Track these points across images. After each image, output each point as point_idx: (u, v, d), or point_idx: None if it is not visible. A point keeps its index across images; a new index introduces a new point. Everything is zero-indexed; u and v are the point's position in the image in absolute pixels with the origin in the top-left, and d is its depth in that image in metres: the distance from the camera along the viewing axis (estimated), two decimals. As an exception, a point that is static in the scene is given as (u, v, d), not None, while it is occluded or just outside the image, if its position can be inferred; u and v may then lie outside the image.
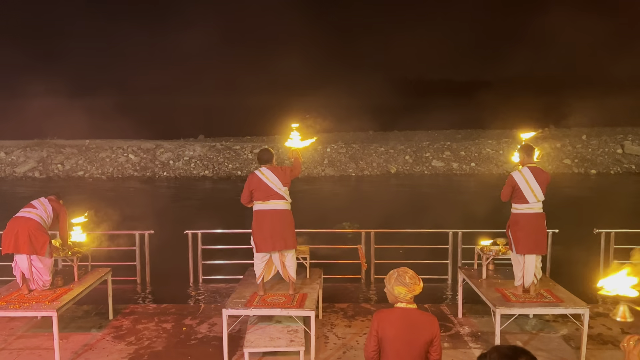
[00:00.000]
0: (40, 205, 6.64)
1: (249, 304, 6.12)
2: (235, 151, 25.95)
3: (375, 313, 3.79)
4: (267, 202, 6.23)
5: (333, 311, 7.62)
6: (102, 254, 9.27)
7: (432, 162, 26.12)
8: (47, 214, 6.62)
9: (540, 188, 6.28)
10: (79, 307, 7.61)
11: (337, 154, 26.27)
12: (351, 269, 9.41)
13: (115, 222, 12.72)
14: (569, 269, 9.00)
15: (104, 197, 19.33)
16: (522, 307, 6.16)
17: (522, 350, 2.34)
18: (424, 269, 9.46)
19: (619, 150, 27.06)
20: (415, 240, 9.98)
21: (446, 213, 14.46)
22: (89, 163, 24.69)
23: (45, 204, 6.69)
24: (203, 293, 9.03)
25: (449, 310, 7.67)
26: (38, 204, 6.66)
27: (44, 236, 6.44)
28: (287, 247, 6.30)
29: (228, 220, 11.71)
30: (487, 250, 7.15)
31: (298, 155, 6.57)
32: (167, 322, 7.27)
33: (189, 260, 9.33)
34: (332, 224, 10.89)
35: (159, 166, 24.73)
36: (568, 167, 25.87)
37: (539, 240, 6.32)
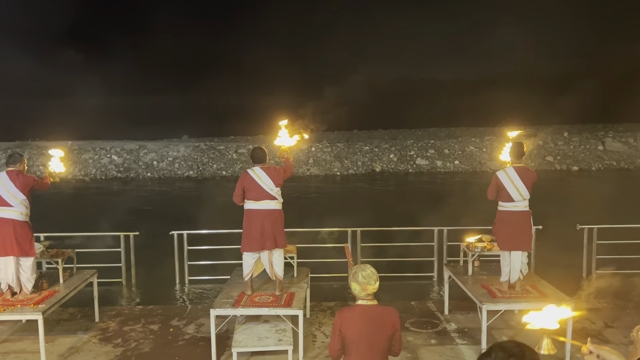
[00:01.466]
0: (11, 198, 6.19)
1: (236, 303, 6.12)
2: (220, 151, 25.84)
3: (337, 312, 3.82)
4: (259, 201, 6.22)
5: (321, 310, 7.64)
6: (87, 255, 9.18)
7: (416, 160, 26.24)
8: (24, 205, 6.28)
9: (526, 187, 6.34)
10: (65, 310, 7.55)
11: (322, 153, 26.28)
12: (338, 267, 9.42)
13: (100, 224, 12.62)
14: (553, 265, 9.09)
15: (89, 199, 19.17)
16: (508, 303, 6.23)
17: (525, 345, 2.36)
18: (410, 266, 9.57)
19: (600, 147, 27.40)
20: (401, 238, 10.03)
21: (431, 210, 14.53)
22: (72, 164, 24.42)
23: (14, 192, 6.21)
24: (190, 294, 9.00)
25: (435, 307, 7.73)
26: (9, 197, 6.19)
27: (29, 234, 6.34)
28: (276, 246, 6.31)
29: (213, 220, 11.66)
30: (473, 247, 7.22)
31: (289, 155, 6.57)
32: (154, 323, 7.24)
33: (174, 261, 9.29)
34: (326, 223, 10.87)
35: (143, 167, 24.54)
36: (550, 164, 26.14)
37: (525, 237, 6.39)
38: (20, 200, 6.24)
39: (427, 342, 6.57)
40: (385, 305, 3.88)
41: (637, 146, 27.37)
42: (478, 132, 30.32)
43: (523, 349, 2.17)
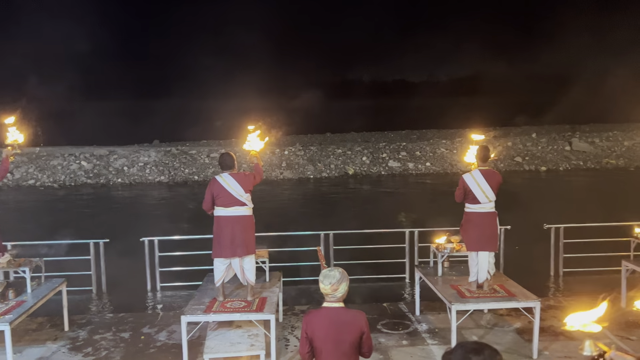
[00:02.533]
0: None
1: (208, 310, 6.11)
2: (192, 156, 25.66)
3: (304, 315, 3.86)
4: (229, 208, 6.20)
5: (293, 314, 7.66)
6: (55, 264, 9.04)
7: (388, 162, 26.43)
8: None
9: (492, 189, 6.48)
10: (33, 320, 7.42)
11: (295, 157, 26.30)
12: (311, 270, 9.45)
13: (69, 231, 12.43)
14: (521, 264, 9.28)
15: (58, 206, 18.85)
16: (477, 303, 6.34)
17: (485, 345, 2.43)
18: (382, 268, 9.65)
19: (567, 147, 27.98)
20: (374, 240, 10.11)
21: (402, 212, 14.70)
22: (40, 171, 23.98)
23: None
24: (161, 301, 8.92)
25: (407, 308, 7.82)
26: None
27: None
28: (248, 252, 6.30)
29: (185, 226, 11.59)
30: (442, 248, 7.33)
31: (258, 160, 6.56)
32: (125, 331, 7.16)
33: (146, 268, 9.20)
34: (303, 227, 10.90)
35: (113, 173, 24.21)
36: (519, 164, 26.59)
37: (491, 237, 6.52)
38: None
39: (398, 343, 6.64)
40: (358, 306, 3.94)
41: (602, 146, 28.04)
42: (449, 134, 30.72)
43: (483, 348, 2.25)
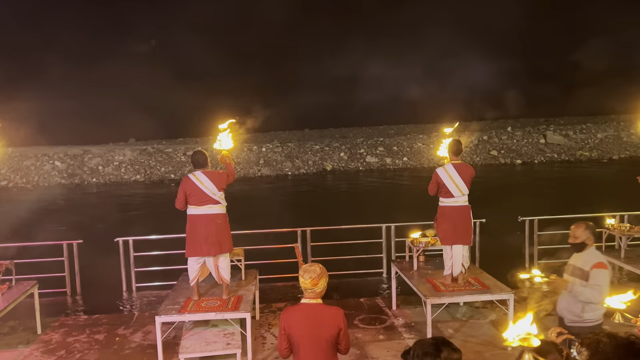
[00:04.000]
0: None
1: (183, 309, 6.05)
2: (168, 154, 25.45)
3: (282, 312, 3.86)
4: (202, 207, 6.15)
5: (270, 311, 7.63)
6: (27, 266, 8.88)
7: (366, 158, 26.52)
8: None
9: (465, 183, 6.53)
10: (4, 324, 7.27)
11: (273, 153, 26.25)
12: (288, 268, 9.43)
13: (42, 232, 12.23)
14: (496, 257, 9.37)
15: (29, 208, 18.53)
16: (451, 296, 6.39)
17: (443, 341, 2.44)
18: (359, 263, 9.67)
19: (542, 140, 28.38)
20: (350, 235, 10.11)
21: (380, 207, 14.74)
22: (13, 172, 23.57)
23: None
24: (136, 301, 8.82)
25: (383, 303, 7.84)
26: None
27: None
28: (222, 251, 6.25)
29: (161, 225, 11.48)
30: (417, 242, 7.37)
31: (230, 160, 6.50)
32: (100, 333, 7.07)
33: (121, 268, 9.09)
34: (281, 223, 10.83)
35: (88, 172, 23.90)
36: (495, 158, 26.89)
37: (464, 231, 6.57)
38: None
39: (375, 338, 6.66)
40: (336, 302, 3.95)
41: (576, 139, 28.49)
42: (426, 128, 30.93)
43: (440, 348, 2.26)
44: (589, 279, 4.44)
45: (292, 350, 3.80)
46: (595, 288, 4.38)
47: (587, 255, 4.57)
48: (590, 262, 4.50)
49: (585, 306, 4.46)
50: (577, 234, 4.61)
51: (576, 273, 4.56)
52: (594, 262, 4.49)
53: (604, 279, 4.44)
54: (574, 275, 4.57)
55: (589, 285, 4.42)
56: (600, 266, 4.47)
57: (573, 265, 4.62)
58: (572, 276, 4.58)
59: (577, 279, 4.51)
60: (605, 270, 4.46)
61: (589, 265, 4.49)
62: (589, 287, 4.41)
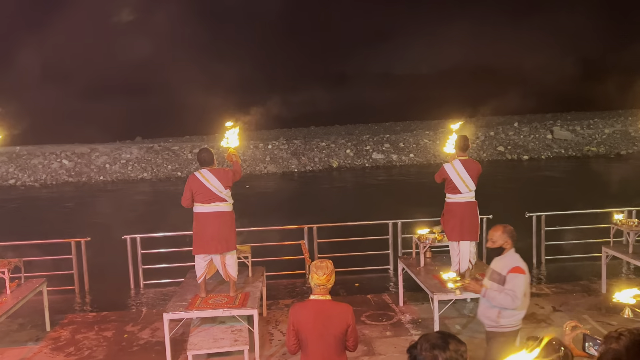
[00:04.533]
0: None
1: (190, 306, 6.07)
2: (175, 152, 25.51)
3: (290, 308, 3.87)
4: (208, 204, 6.16)
5: (278, 308, 7.66)
6: (35, 264, 8.94)
7: (372, 154, 26.50)
8: None
9: (472, 179, 6.51)
10: (14, 321, 7.32)
11: (279, 151, 26.27)
12: (295, 264, 9.45)
13: (50, 231, 12.30)
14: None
15: (37, 206, 18.64)
16: (459, 292, 6.36)
17: (449, 334, 2.43)
18: (366, 260, 9.67)
19: (549, 136, 28.25)
20: (356, 232, 10.12)
21: (386, 204, 14.73)
22: (21, 171, 23.70)
23: None
24: (144, 298, 8.86)
25: (390, 299, 7.84)
26: None
27: None
28: (228, 249, 6.27)
29: (168, 222, 11.51)
30: (424, 238, 7.36)
31: (237, 158, 6.51)
32: (108, 330, 7.11)
33: (128, 266, 9.14)
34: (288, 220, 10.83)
35: (95, 171, 24.00)
36: (502, 154, 26.80)
37: (472, 227, 6.56)
38: None
39: (382, 335, 6.67)
40: (343, 298, 3.97)
41: (583, 134, 28.34)
42: (432, 125, 30.85)
43: (447, 340, 2.26)
44: (505, 284, 4.29)
45: (301, 346, 3.81)
46: (509, 293, 4.24)
47: (505, 259, 4.42)
48: (507, 267, 4.34)
49: (501, 311, 4.34)
50: (494, 237, 4.47)
51: (494, 277, 4.41)
52: (511, 266, 4.32)
53: (520, 285, 4.27)
54: (492, 279, 4.45)
55: (503, 290, 4.28)
56: (517, 271, 4.30)
57: (492, 269, 4.50)
58: (491, 280, 4.45)
59: (494, 284, 4.39)
60: (521, 275, 4.30)
61: (506, 269, 4.34)
62: (502, 293, 4.27)
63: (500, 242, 4.44)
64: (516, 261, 4.38)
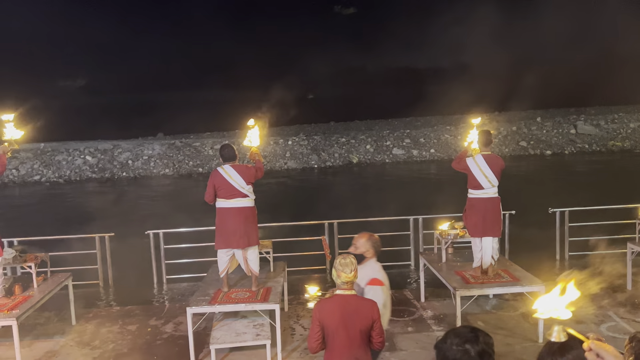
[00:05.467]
0: None
1: (213, 301, 6.13)
2: (196, 148, 25.71)
3: (315, 303, 3.87)
4: (231, 199, 6.21)
5: (299, 303, 7.69)
6: (61, 259, 9.09)
7: (392, 150, 26.40)
8: None
9: (494, 174, 6.45)
10: (40, 314, 7.47)
11: (299, 146, 26.31)
12: (316, 260, 9.47)
13: (76, 226, 12.49)
14: (526, 249, 9.26)
15: (63, 201, 18.94)
16: (481, 288, 6.34)
17: (477, 328, 2.42)
18: (387, 256, 9.61)
19: (572, 131, 27.86)
20: (377, 228, 10.09)
21: (407, 199, 14.67)
22: (45, 167, 24.10)
23: None
24: (167, 293, 8.96)
25: (412, 295, 7.83)
26: None
27: None
28: (250, 244, 6.31)
29: (190, 218, 11.62)
30: (446, 234, 7.33)
31: (259, 157, 6.55)
32: (132, 323, 7.21)
33: (151, 261, 9.25)
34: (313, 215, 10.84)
35: (118, 167, 24.30)
36: (524, 149, 26.51)
37: (494, 223, 6.50)
38: None
39: (404, 330, 6.66)
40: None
41: (607, 129, 27.89)
42: (453, 120, 30.58)
43: (477, 334, 2.24)
44: (364, 296, 4.07)
45: (326, 341, 3.81)
46: None
47: (365, 270, 4.18)
48: (366, 278, 4.12)
49: None
50: (358, 244, 4.28)
51: (354, 289, 4.08)
52: (370, 277, 4.11)
53: (378, 297, 4.05)
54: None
55: None
56: (375, 282, 4.10)
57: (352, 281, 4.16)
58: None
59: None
60: (379, 287, 4.09)
61: (365, 281, 4.12)
62: None
63: (362, 250, 4.28)
64: (375, 272, 4.19)
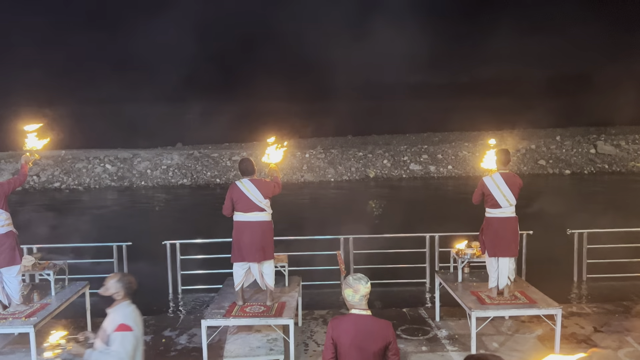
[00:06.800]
0: None
1: (227, 314, 6.16)
2: (214, 159, 25.86)
3: (330, 320, 3.87)
4: (248, 213, 6.26)
5: (313, 318, 7.68)
6: (79, 267, 9.19)
7: (410, 165, 26.32)
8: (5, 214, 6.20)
9: (512, 193, 6.42)
10: (57, 321, 7.54)
11: (316, 160, 26.33)
12: (330, 275, 9.47)
13: (93, 234, 12.64)
14: (543, 270, 9.16)
15: (82, 208, 19.15)
16: (497, 310, 6.29)
17: (498, 357, 2.40)
18: (402, 273, 9.62)
19: (592, 150, 27.54)
20: (393, 244, 10.06)
21: (424, 216, 14.62)
22: (65, 174, 24.39)
23: None
24: (182, 304, 9.02)
25: (427, 314, 7.77)
26: None
27: (12, 243, 6.28)
28: (265, 258, 6.34)
29: (207, 229, 11.69)
30: (462, 253, 7.28)
31: (277, 173, 6.60)
32: (146, 334, 7.23)
33: (167, 271, 9.31)
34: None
35: (137, 176, 24.52)
36: (543, 167, 26.26)
37: (511, 243, 6.46)
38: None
39: (418, 349, 6.62)
40: (378, 311, 3.95)
41: (628, 149, 27.54)
42: (471, 136, 30.43)
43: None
44: (110, 343, 3.75)
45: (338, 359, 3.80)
46: (113, 355, 3.70)
47: (114, 314, 3.90)
48: (114, 323, 3.83)
49: None
50: (108, 284, 3.96)
51: (101, 335, 3.85)
52: (118, 323, 3.81)
53: (126, 344, 3.75)
54: (101, 338, 3.86)
55: (105, 351, 3.73)
56: (123, 328, 3.79)
57: (102, 326, 3.93)
58: (100, 339, 3.86)
59: (102, 344, 3.82)
60: (128, 332, 3.80)
61: (112, 326, 3.82)
62: (104, 354, 3.72)
63: (112, 291, 3.94)
64: (125, 317, 3.88)
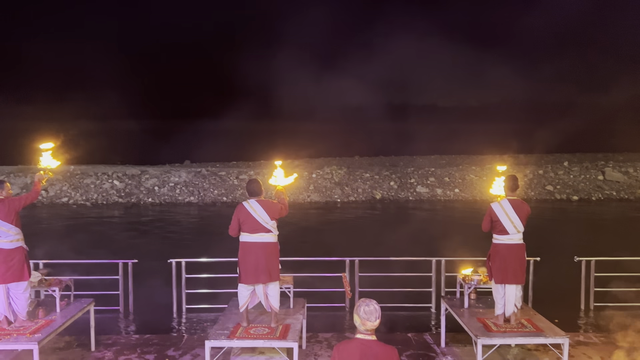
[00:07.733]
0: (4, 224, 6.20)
1: (231, 335, 6.13)
2: (221, 177, 25.93)
3: (335, 345, 3.85)
4: (254, 234, 6.26)
5: (317, 341, 7.62)
6: (85, 283, 9.19)
7: (416, 188, 26.28)
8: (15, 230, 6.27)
9: (520, 220, 6.40)
10: (61, 338, 7.53)
11: (323, 180, 26.36)
12: (336, 297, 9.42)
13: (100, 251, 12.65)
14: (550, 298, 9.09)
15: (90, 224, 19.21)
16: (503, 337, 6.23)
17: None
18: (408, 297, 9.56)
19: (600, 177, 27.43)
20: (399, 267, 10.02)
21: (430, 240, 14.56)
22: (74, 189, 24.51)
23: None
24: (186, 323, 8.98)
25: (432, 340, 7.71)
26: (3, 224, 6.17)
27: (20, 260, 6.31)
28: (271, 279, 6.33)
29: (213, 248, 11.69)
30: (469, 279, 7.24)
31: (284, 196, 6.62)
32: (150, 353, 7.22)
33: (172, 290, 9.29)
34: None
35: (144, 192, 24.60)
36: (550, 193, 26.15)
37: (518, 270, 6.42)
38: (6, 230, 6.22)
39: (422, 376, 6.55)
40: (383, 335, 3.92)
41: (637, 176, 27.40)
42: (478, 160, 30.39)
43: None
44: None
45: None
46: None
47: None
48: None
49: None
50: None
51: None
52: None
53: None
54: None
55: None
56: None
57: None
58: None
59: None
60: None
61: None
62: None
63: None
64: None
